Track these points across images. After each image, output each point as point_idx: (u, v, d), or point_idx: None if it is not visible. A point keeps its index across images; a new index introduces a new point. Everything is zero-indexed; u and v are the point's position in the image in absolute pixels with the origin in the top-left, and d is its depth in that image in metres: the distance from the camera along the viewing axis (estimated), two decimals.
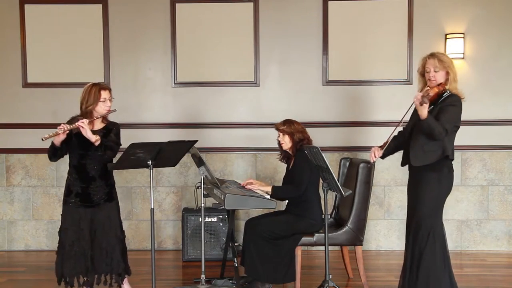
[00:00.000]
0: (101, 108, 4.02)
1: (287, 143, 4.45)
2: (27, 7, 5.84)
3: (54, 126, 5.71)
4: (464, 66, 5.76)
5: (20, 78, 5.88)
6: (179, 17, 5.82)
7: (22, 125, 5.88)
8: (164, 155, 3.91)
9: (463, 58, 5.73)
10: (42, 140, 3.88)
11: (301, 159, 4.34)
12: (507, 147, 5.80)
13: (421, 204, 3.81)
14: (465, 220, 5.86)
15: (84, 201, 4.03)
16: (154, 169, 3.93)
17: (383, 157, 4.05)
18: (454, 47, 5.68)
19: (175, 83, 5.88)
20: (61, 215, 4.11)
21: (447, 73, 3.75)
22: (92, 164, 4.03)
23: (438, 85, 3.74)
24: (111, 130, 4.08)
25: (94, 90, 4.01)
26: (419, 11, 5.74)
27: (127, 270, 4.20)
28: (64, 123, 3.95)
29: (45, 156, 5.83)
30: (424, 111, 3.57)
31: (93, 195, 4.03)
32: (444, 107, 3.71)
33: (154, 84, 5.90)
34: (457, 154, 5.71)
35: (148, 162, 3.87)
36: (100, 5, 5.82)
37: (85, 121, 3.89)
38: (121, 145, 4.12)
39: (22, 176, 5.94)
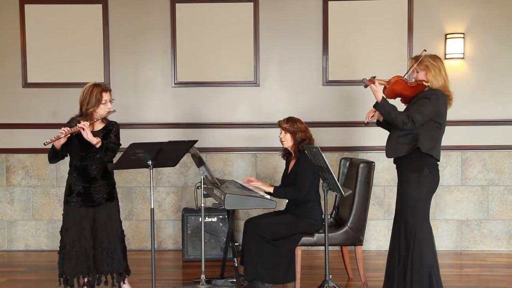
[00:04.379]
0: (102, 110, 4.03)
1: (288, 141, 4.45)
2: (27, 7, 5.84)
3: (54, 126, 5.74)
4: (464, 66, 5.76)
5: (20, 78, 5.88)
6: (179, 17, 5.82)
7: (22, 125, 5.89)
8: (164, 155, 3.91)
9: (463, 58, 5.73)
10: (44, 144, 3.90)
11: (304, 161, 4.33)
12: (507, 147, 5.80)
13: (402, 206, 3.89)
14: (465, 220, 5.86)
15: (85, 201, 4.03)
16: (154, 169, 3.93)
17: (378, 123, 4.12)
18: (454, 47, 5.68)
19: (175, 83, 5.88)
20: (62, 214, 4.11)
21: (426, 73, 3.86)
22: (93, 165, 4.04)
23: (416, 80, 3.88)
24: (111, 131, 4.09)
25: (95, 92, 4.00)
26: (419, 11, 5.75)
27: (128, 270, 4.21)
28: (64, 127, 3.94)
29: (45, 156, 5.82)
30: (376, 95, 3.82)
31: (95, 195, 4.04)
32: (418, 100, 3.83)
33: (154, 84, 5.90)
34: (457, 154, 5.81)
35: (148, 162, 3.86)
36: (100, 5, 5.82)
37: (86, 123, 3.89)
38: (121, 145, 4.13)
39: (22, 176, 5.94)
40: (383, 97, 3.84)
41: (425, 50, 3.93)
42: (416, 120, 3.72)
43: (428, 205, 3.89)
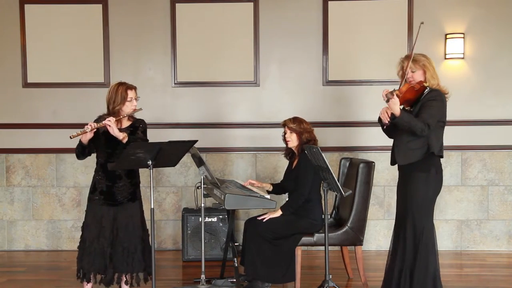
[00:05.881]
0: (127, 108, 4.04)
1: (293, 141, 4.44)
2: (27, 7, 5.84)
3: (54, 126, 5.81)
4: (464, 66, 5.76)
5: (20, 78, 5.88)
6: (179, 17, 5.82)
7: (22, 125, 5.89)
8: (164, 155, 3.90)
9: (463, 58, 5.73)
10: (70, 138, 3.89)
11: (305, 164, 4.32)
12: (507, 147, 5.80)
13: (408, 207, 3.81)
14: (465, 220, 5.86)
15: (107, 199, 4.03)
16: (154, 169, 3.92)
17: (379, 121, 3.97)
18: (454, 47, 5.68)
19: (175, 83, 5.88)
20: (85, 211, 4.11)
21: (424, 72, 3.80)
22: None
23: (417, 83, 3.78)
24: (137, 128, 4.10)
25: (120, 90, 4.02)
26: (419, 11, 5.74)
27: (149, 270, 4.10)
28: (92, 122, 3.96)
29: (45, 156, 5.92)
30: (395, 108, 3.63)
31: (117, 194, 4.02)
32: (425, 103, 3.75)
33: (154, 84, 5.90)
34: (457, 154, 5.81)
35: (148, 162, 3.86)
36: (100, 5, 5.82)
37: (112, 119, 3.89)
38: (148, 141, 4.11)
39: (22, 176, 5.94)
40: (400, 109, 3.70)
41: (422, 23, 3.88)
42: (431, 124, 3.67)
43: (433, 206, 3.84)
